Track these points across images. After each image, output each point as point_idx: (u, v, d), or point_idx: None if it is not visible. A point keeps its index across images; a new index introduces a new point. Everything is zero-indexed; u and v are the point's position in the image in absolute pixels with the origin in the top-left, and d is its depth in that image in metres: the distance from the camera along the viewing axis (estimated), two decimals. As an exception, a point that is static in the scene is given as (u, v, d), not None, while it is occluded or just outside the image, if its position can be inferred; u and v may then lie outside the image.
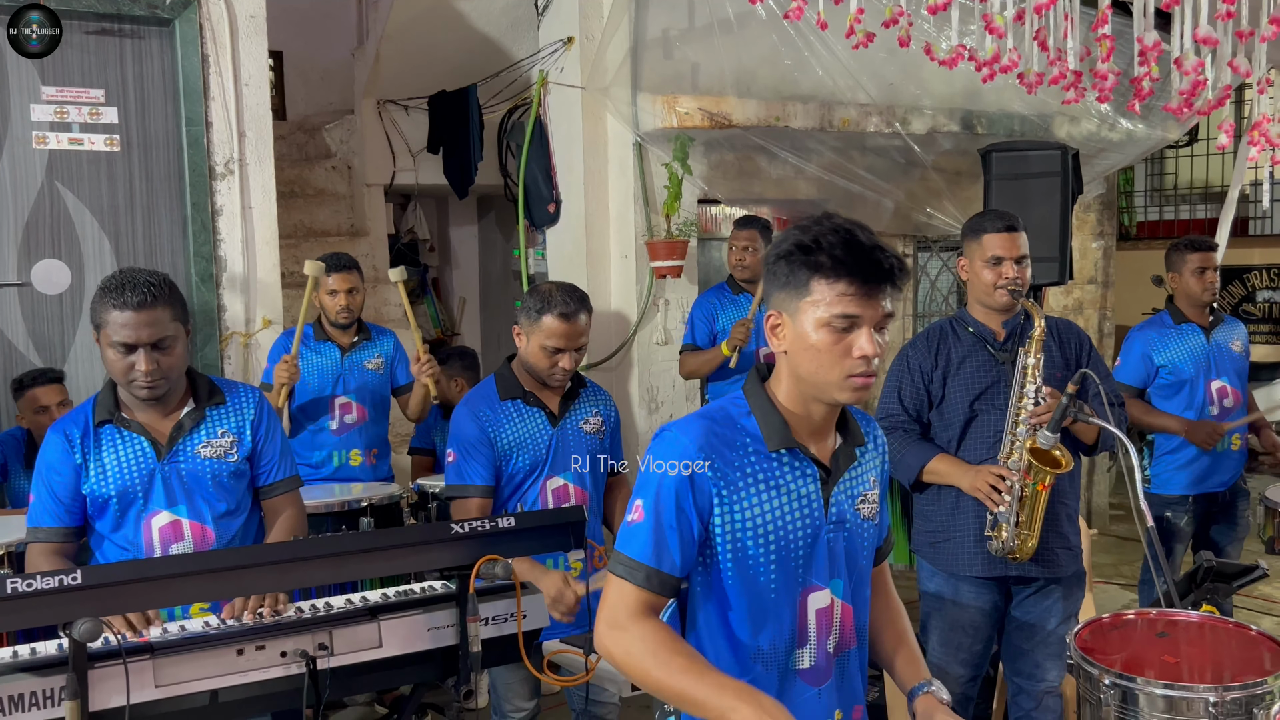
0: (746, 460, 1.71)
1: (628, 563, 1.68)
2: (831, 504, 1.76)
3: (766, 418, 1.73)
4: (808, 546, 1.73)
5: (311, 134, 6.46)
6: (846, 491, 1.79)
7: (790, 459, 1.73)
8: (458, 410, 2.96)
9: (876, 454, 1.89)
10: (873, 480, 1.86)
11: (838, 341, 1.65)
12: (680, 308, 5.47)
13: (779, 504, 1.71)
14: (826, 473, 1.76)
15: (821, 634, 1.77)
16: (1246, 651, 2.13)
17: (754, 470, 1.71)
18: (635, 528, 1.69)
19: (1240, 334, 4.27)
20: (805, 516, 1.73)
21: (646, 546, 1.68)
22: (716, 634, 1.73)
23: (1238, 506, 4.24)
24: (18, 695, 1.70)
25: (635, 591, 1.67)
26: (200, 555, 2.13)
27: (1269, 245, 8.79)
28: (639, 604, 1.67)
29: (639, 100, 5.29)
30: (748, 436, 1.72)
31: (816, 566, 1.75)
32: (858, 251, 1.64)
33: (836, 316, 1.65)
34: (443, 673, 2.05)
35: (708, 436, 1.70)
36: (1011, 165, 5.43)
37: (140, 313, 2.25)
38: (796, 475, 1.73)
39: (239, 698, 1.87)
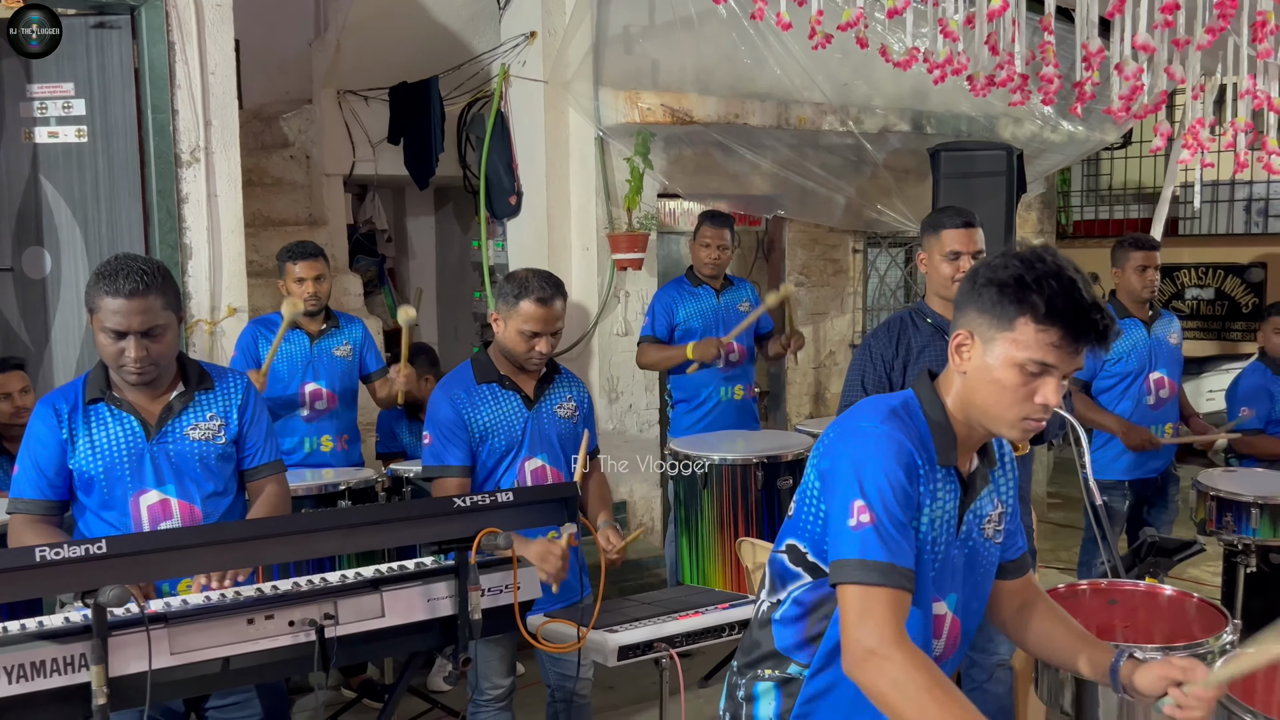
0: (929, 470, 1.70)
1: (881, 568, 1.58)
2: (964, 523, 1.77)
3: (942, 432, 1.72)
4: (942, 561, 1.74)
5: (268, 123, 6.44)
6: (976, 511, 1.80)
7: (945, 474, 1.73)
8: (434, 394, 3.05)
9: (1005, 475, 1.89)
10: (998, 502, 1.85)
11: (1024, 384, 1.64)
12: (640, 299, 5.59)
13: (931, 516, 1.71)
14: (966, 491, 1.77)
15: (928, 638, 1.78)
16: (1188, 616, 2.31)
17: (929, 477, 1.70)
18: (869, 530, 1.61)
19: (1176, 328, 4.50)
20: (944, 531, 1.74)
21: (890, 546, 1.60)
22: None
23: (1169, 491, 4.48)
24: (39, 662, 1.76)
25: (897, 596, 1.58)
26: (219, 526, 2.20)
27: (1198, 245, 9.15)
28: (902, 612, 1.59)
29: (601, 95, 5.39)
30: (925, 442, 1.71)
31: (943, 581, 1.76)
32: (1077, 306, 1.61)
33: (1033, 362, 1.62)
34: (441, 641, 2.15)
35: (911, 437, 1.68)
36: (959, 164, 5.64)
37: (132, 300, 2.31)
38: (947, 490, 1.74)
39: (250, 665, 1.95)
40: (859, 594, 1.59)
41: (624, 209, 5.42)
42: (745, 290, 4.92)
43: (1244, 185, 8.70)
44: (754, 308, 4.92)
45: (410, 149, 6.07)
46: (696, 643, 2.62)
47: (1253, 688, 2.00)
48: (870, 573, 1.59)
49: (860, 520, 1.61)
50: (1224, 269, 9.14)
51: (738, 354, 4.81)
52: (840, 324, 6.68)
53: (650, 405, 5.77)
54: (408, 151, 6.09)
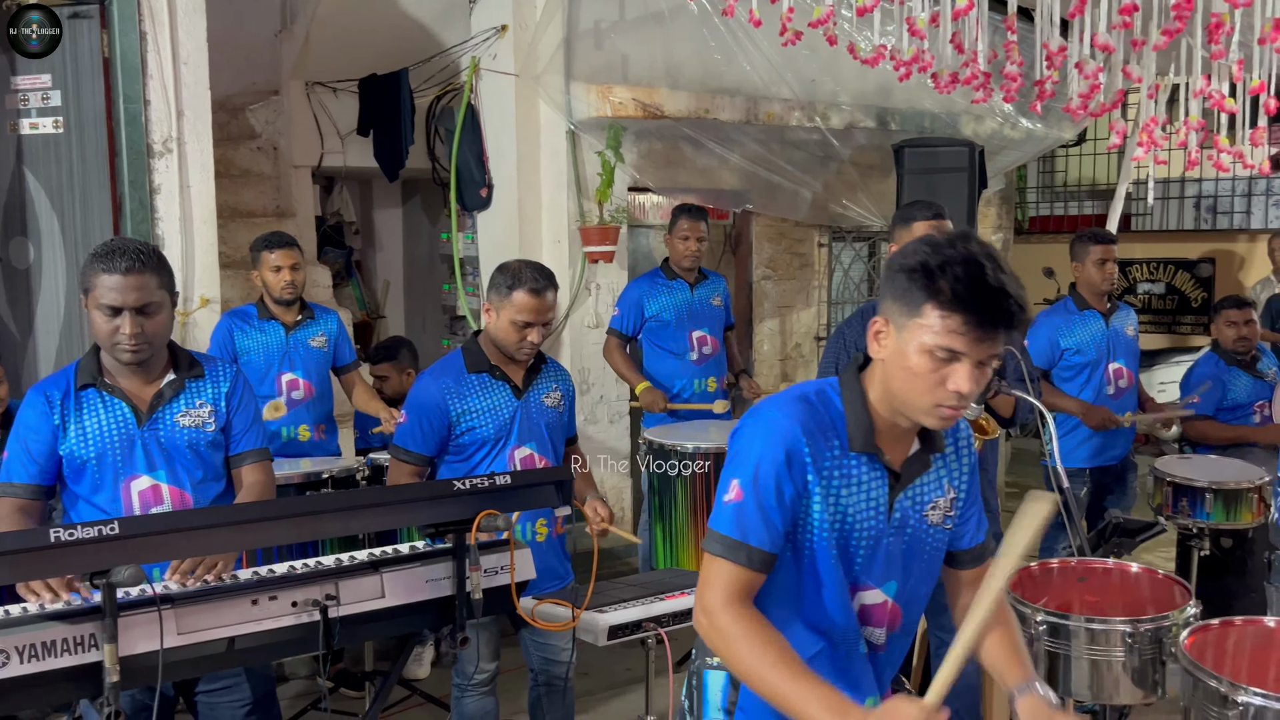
0: (833, 452, 1.71)
1: (727, 542, 1.67)
2: (895, 509, 1.77)
3: (857, 417, 1.72)
4: (869, 548, 1.75)
5: (234, 114, 6.41)
6: (914, 498, 1.79)
7: (867, 461, 1.74)
8: (422, 376, 3.09)
9: (956, 459, 1.87)
10: (948, 487, 1.83)
11: (935, 370, 1.62)
12: (611, 291, 5.65)
13: (849, 502, 1.72)
14: (896, 478, 1.76)
15: (871, 625, 1.81)
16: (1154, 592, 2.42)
17: (836, 463, 1.71)
18: (733, 507, 1.68)
19: (1133, 320, 4.65)
20: (870, 519, 1.74)
21: (746, 525, 1.66)
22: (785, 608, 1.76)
23: (1128, 478, 4.63)
24: (50, 642, 1.79)
25: (736, 571, 1.66)
26: (230, 508, 2.23)
27: (1150, 241, 9.39)
28: (740, 585, 1.66)
29: (572, 89, 5.44)
30: (837, 428, 1.72)
31: (874, 569, 1.77)
32: (982, 290, 1.58)
33: (941, 348, 1.61)
34: (439, 621, 2.19)
35: (808, 421, 1.70)
36: (922, 160, 5.76)
37: (128, 277, 2.34)
38: (870, 477, 1.74)
39: (254, 645, 1.99)
40: (709, 561, 1.69)
41: (595, 202, 5.47)
42: (718, 284, 5.00)
43: (1194, 183, 8.94)
44: (725, 302, 5.01)
45: (380, 141, 6.07)
46: (683, 622, 2.69)
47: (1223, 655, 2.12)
48: (719, 545, 1.68)
49: (730, 497, 1.69)
50: (1175, 264, 9.39)
51: (710, 347, 4.90)
52: (806, 317, 6.78)
53: (621, 397, 5.83)
54: (377, 144, 6.09)
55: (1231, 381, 4.84)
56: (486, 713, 3.25)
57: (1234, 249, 9.15)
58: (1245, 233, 8.94)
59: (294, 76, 6.20)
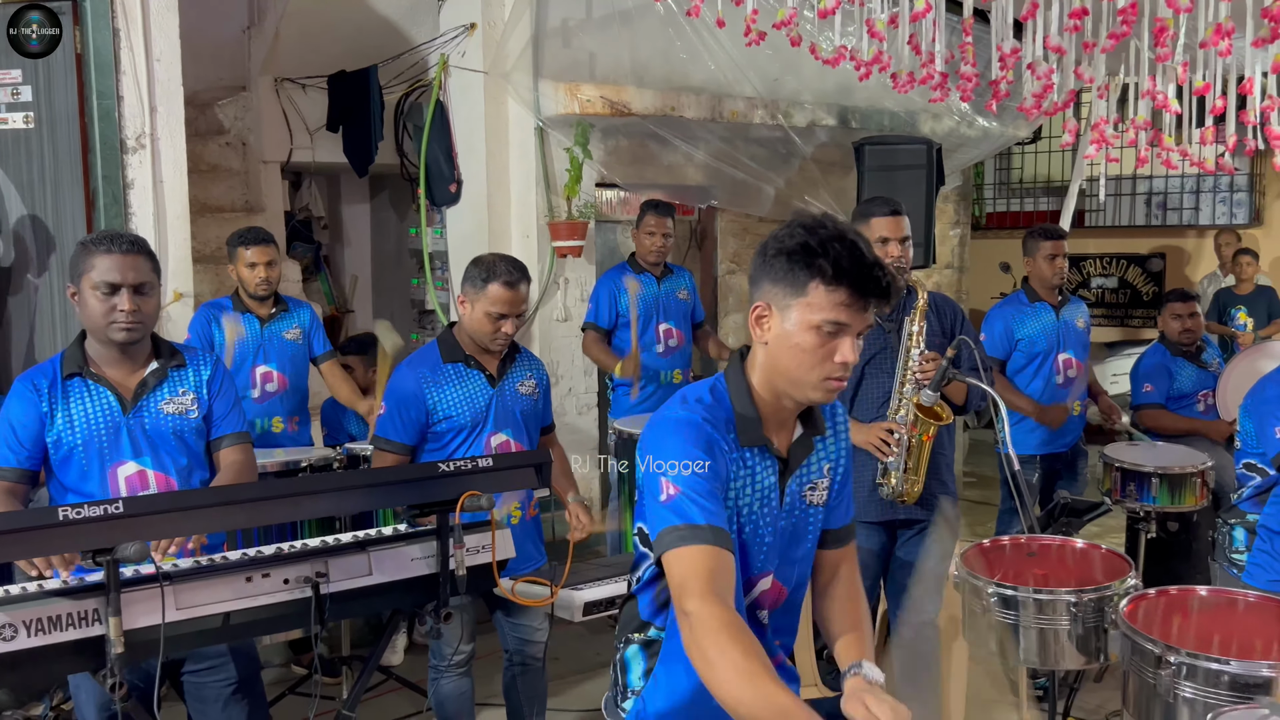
0: (730, 450, 1.76)
1: (684, 529, 1.64)
2: (786, 495, 1.83)
3: (744, 412, 1.77)
4: (766, 536, 1.81)
5: (203, 110, 6.44)
6: (799, 480, 1.86)
7: (758, 452, 1.79)
8: (400, 368, 3.18)
9: (835, 439, 1.92)
10: (826, 469, 1.89)
11: (823, 345, 1.69)
12: (580, 286, 5.75)
13: (746, 497, 1.78)
14: (784, 464, 1.82)
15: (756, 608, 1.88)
16: (1098, 566, 2.58)
17: (732, 460, 1.76)
18: (675, 501, 1.67)
19: (1083, 312, 4.83)
20: (765, 509, 1.80)
21: (694, 509, 1.66)
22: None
23: (1078, 465, 4.81)
24: (55, 617, 1.88)
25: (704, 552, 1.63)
26: (228, 488, 2.32)
27: (1103, 236, 9.64)
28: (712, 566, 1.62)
29: (540, 86, 5.54)
30: (730, 425, 1.77)
31: (762, 554, 1.83)
32: (861, 265, 1.67)
33: (828, 321, 1.68)
34: (424, 598, 2.30)
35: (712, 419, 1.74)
36: (882, 158, 5.92)
37: (127, 256, 2.46)
38: (761, 468, 1.80)
39: (248, 620, 2.08)
40: (673, 560, 1.65)
41: (563, 198, 5.57)
42: (684, 278, 5.13)
43: (1145, 180, 9.20)
44: (692, 295, 5.13)
45: (349, 137, 6.13)
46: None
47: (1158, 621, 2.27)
48: (674, 536, 1.66)
49: (669, 494, 1.68)
50: (1126, 259, 9.66)
51: (676, 339, 5.02)
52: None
53: (589, 389, 5.94)
54: (347, 139, 6.16)
55: (1177, 372, 5.04)
56: (462, 693, 3.36)
57: (1183, 244, 9.42)
58: (1194, 229, 9.21)
59: (263, 73, 6.24)
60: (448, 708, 3.35)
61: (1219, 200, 8.98)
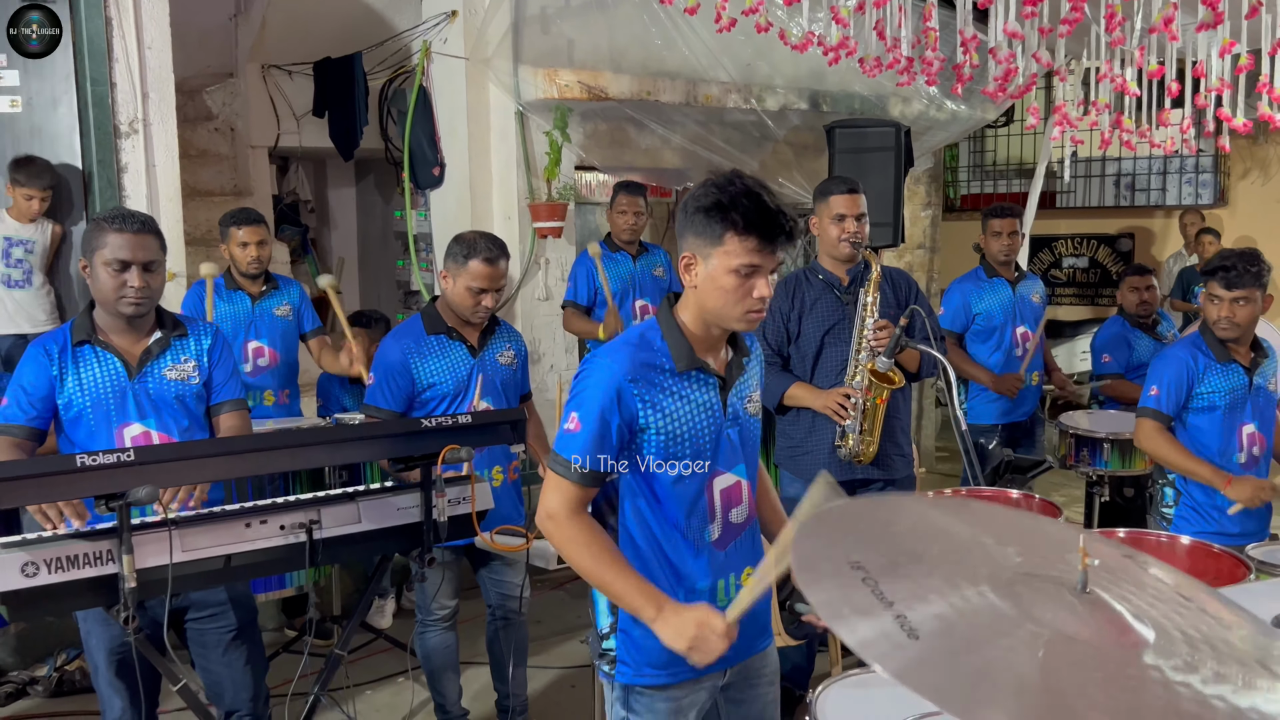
0: (664, 378, 2.06)
1: (565, 463, 2.03)
2: (728, 406, 2.13)
3: (676, 343, 2.07)
4: (713, 442, 2.10)
5: (191, 96, 6.59)
6: (738, 394, 2.16)
7: (697, 375, 2.09)
8: (385, 340, 3.38)
9: (757, 363, 2.27)
10: (755, 384, 2.23)
11: (741, 285, 1.99)
12: (560, 266, 5.94)
13: (689, 412, 2.07)
14: (723, 381, 2.13)
15: (726, 509, 2.13)
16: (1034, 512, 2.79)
17: (669, 386, 2.06)
18: (572, 435, 2.03)
19: (1039, 288, 5.05)
20: (709, 418, 2.09)
21: (582, 449, 2.02)
22: (644, 517, 2.10)
23: (1035, 433, 5.04)
24: (73, 555, 2.07)
25: (573, 487, 2.03)
26: (230, 439, 2.51)
27: (1073, 217, 9.87)
28: (576, 498, 2.04)
29: (520, 72, 5.71)
30: (663, 358, 2.07)
31: (721, 456, 2.12)
32: (765, 213, 1.95)
33: (743, 265, 1.97)
34: (409, 545, 2.50)
35: (633, 362, 2.05)
36: (852, 140, 6.10)
37: (139, 236, 2.64)
38: (701, 387, 2.09)
39: (247, 562, 2.28)
40: (552, 478, 2.06)
41: (543, 180, 5.75)
42: (659, 256, 5.33)
43: (1114, 162, 9.42)
44: (668, 272, 5.33)
45: (335, 122, 6.30)
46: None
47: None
48: (560, 465, 2.05)
49: (570, 427, 2.05)
50: (1096, 239, 9.89)
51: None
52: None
53: (570, 366, 6.14)
54: (333, 124, 6.32)
55: (1135, 343, 5.26)
56: (447, 646, 3.57)
57: (1151, 225, 9.66)
58: (1161, 209, 9.45)
59: (250, 59, 6.40)
60: (433, 660, 3.56)
61: (1185, 181, 9.21)
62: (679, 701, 2.13)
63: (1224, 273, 3.35)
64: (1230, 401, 3.42)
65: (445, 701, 3.61)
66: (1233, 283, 3.33)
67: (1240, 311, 3.36)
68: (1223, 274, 3.36)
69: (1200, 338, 3.50)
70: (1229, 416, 3.43)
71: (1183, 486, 3.48)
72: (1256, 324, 3.47)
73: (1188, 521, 3.35)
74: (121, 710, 2.79)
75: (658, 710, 2.13)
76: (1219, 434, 3.42)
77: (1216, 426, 3.43)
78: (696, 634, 1.93)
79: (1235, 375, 3.44)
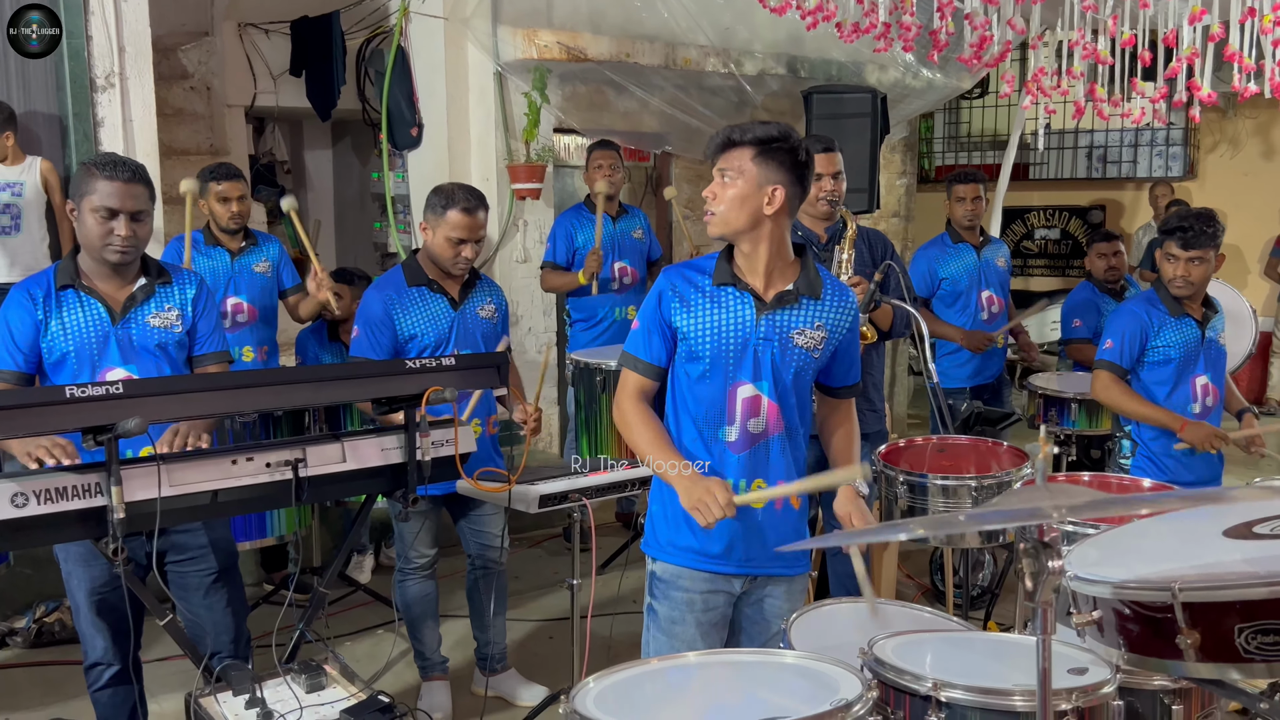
0: (701, 289, 2.39)
1: (628, 358, 2.43)
2: (761, 323, 2.35)
3: (721, 266, 2.39)
4: (738, 351, 2.35)
5: (166, 54, 6.53)
6: (780, 321, 2.36)
7: (731, 290, 2.37)
8: (368, 292, 3.40)
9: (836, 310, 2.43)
10: (818, 324, 2.40)
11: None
12: (538, 228, 5.97)
13: (717, 317, 2.36)
14: (762, 303, 2.36)
15: (745, 417, 2.36)
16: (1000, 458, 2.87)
17: (702, 294, 2.38)
18: (634, 333, 2.43)
19: (1004, 253, 5.13)
20: (737, 329, 2.35)
21: (635, 345, 2.42)
22: (679, 407, 2.42)
23: (1003, 393, 5.14)
24: (62, 487, 2.10)
25: (632, 376, 2.41)
26: (216, 375, 2.54)
27: (1045, 189, 9.97)
28: (635, 386, 2.41)
29: (499, 32, 5.71)
30: (705, 276, 2.40)
31: (744, 367, 2.36)
32: None
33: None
34: (393, 485, 2.54)
35: (680, 274, 2.41)
36: (830, 106, 6.15)
37: (128, 185, 2.64)
38: (734, 300, 2.37)
39: (234, 499, 2.31)
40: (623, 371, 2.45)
41: (522, 141, 5.77)
42: (638, 217, 5.36)
43: (1086, 134, 9.52)
44: (647, 235, 5.37)
45: (312, 81, 6.28)
46: (606, 495, 3.08)
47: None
48: (626, 359, 2.44)
49: (633, 326, 2.44)
50: (1068, 211, 10.00)
51: (631, 277, 5.26)
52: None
53: (549, 329, 6.18)
54: (310, 84, 6.29)
55: (1104, 308, 5.35)
56: (426, 595, 3.62)
57: (1122, 197, 9.78)
58: (1132, 181, 9.57)
59: (226, 18, 6.35)
60: (413, 609, 3.61)
61: (1156, 154, 9.32)
62: (691, 594, 2.40)
63: (1181, 233, 3.45)
64: (1184, 354, 3.53)
65: (424, 649, 3.66)
66: (1190, 243, 3.44)
67: (1195, 270, 3.47)
68: (1180, 234, 3.46)
69: (1155, 294, 3.61)
70: (1183, 368, 3.55)
71: (1138, 437, 3.60)
72: (1209, 281, 3.58)
73: (1143, 471, 3.46)
74: (103, 650, 2.83)
75: (673, 598, 2.41)
76: (1174, 385, 3.54)
77: (1171, 378, 3.54)
78: (702, 496, 2.19)
79: (1189, 329, 3.55)
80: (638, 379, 2.41)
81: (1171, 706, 1.76)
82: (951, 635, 2.15)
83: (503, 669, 3.76)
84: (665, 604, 2.42)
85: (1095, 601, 1.54)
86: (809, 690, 1.79)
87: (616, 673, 1.89)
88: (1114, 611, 1.50)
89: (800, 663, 1.92)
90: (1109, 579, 1.53)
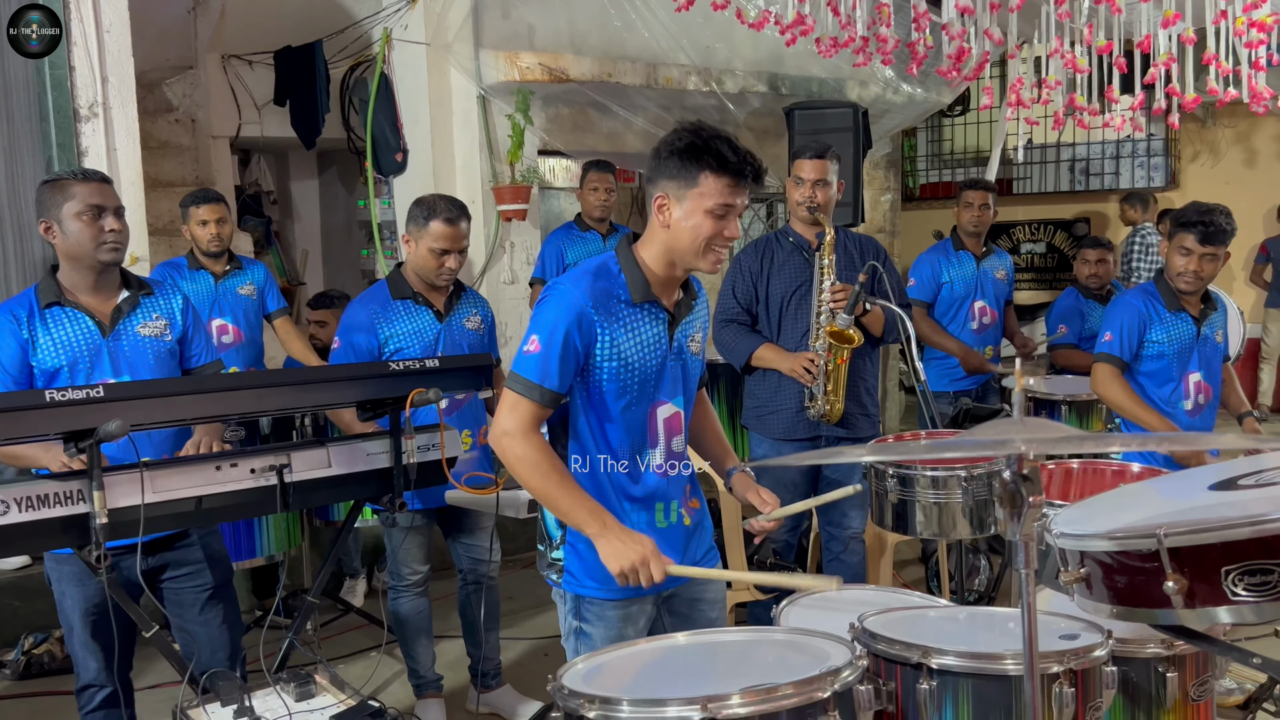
0: (619, 308, 2.18)
1: (524, 383, 2.13)
2: (674, 340, 2.26)
3: (634, 277, 2.19)
4: (657, 371, 2.23)
5: (151, 89, 6.56)
6: (684, 332, 2.29)
7: (649, 308, 2.21)
8: (352, 305, 3.40)
9: (704, 306, 2.40)
10: (699, 326, 2.36)
11: (714, 225, 2.10)
12: (525, 249, 5.98)
13: (638, 341, 2.20)
14: (672, 317, 2.25)
15: (669, 436, 2.27)
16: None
17: (623, 316, 2.18)
18: (531, 356, 2.13)
19: (1006, 265, 5.14)
20: (655, 350, 2.22)
21: (540, 370, 2.12)
22: (597, 435, 2.22)
23: (988, 399, 5.13)
24: (44, 494, 2.08)
25: (529, 406, 2.13)
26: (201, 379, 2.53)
27: (1030, 203, 10.03)
28: (531, 417, 2.13)
29: (481, 56, 5.75)
30: (620, 290, 2.18)
31: (663, 386, 2.25)
32: (737, 153, 2.08)
33: (718, 205, 2.08)
34: (379, 490, 2.52)
35: (594, 290, 2.15)
36: (811, 122, 6.19)
37: (103, 185, 2.68)
38: (651, 320, 2.21)
39: (218, 505, 2.29)
40: (510, 395, 2.15)
41: (507, 163, 5.79)
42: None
43: (1067, 147, 9.59)
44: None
45: (297, 111, 6.29)
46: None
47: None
48: (519, 384, 2.14)
49: (529, 349, 2.14)
50: (1053, 224, 10.05)
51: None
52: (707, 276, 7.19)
53: (536, 349, 6.15)
54: (294, 113, 6.31)
55: (1089, 313, 5.37)
56: (420, 612, 3.59)
57: (1105, 209, 9.84)
58: (1115, 192, 9.62)
59: (210, 50, 6.38)
60: (407, 626, 3.58)
61: (1137, 165, 9.39)
62: (627, 609, 2.25)
63: (1202, 227, 3.37)
64: (1178, 350, 3.51)
65: (419, 666, 3.62)
66: (1209, 238, 3.38)
67: (1207, 266, 3.43)
68: (1201, 228, 3.38)
69: (1154, 286, 3.59)
70: (1176, 365, 3.53)
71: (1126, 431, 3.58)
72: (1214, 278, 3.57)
73: (1130, 462, 3.44)
74: (95, 672, 2.79)
75: (608, 618, 2.24)
76: (1167, 381, 3.52)
77: (1164, 374, 3.53)
78: (633, 565, 2.05)
79: (1184, 324, 3.53)
80: (536, 410, 2.12)
81: (1166, 674, 1.75)
82: (941, 610, 2.14)
83: (497, 685, 3.72)
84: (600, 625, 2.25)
85: (1083, 558, 1.53)
86: (800, 662, 1.77)
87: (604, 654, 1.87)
88: (1100, 565, 1.49)
89: (791, 638, 1.91)
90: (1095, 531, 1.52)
